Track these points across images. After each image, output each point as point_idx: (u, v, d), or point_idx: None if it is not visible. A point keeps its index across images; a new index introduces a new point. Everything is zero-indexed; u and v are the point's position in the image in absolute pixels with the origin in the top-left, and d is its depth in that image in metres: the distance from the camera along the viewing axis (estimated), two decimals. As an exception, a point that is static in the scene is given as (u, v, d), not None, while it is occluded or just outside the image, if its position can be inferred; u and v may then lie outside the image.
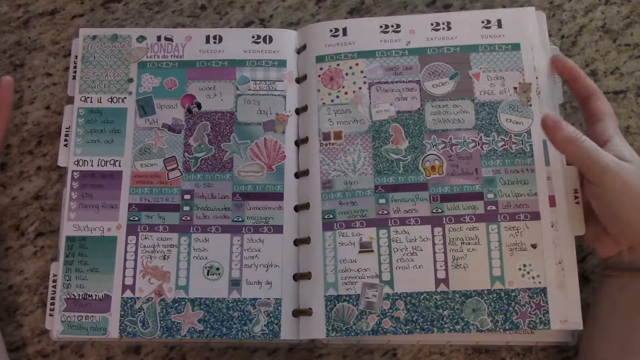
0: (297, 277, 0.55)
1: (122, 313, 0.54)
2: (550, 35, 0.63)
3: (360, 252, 0.54)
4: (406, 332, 0.52)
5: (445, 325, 0.53)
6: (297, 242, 0.56)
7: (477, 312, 0.53)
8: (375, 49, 0.59)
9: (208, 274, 0.55)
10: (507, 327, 0.52)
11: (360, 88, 0.58)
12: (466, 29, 0.59)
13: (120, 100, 0.59)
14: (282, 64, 0.59)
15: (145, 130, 0.58)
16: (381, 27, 0.59)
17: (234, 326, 0.54)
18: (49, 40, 0.62)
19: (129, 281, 0.55)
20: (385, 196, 0.55)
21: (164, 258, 0.55)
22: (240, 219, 0.56)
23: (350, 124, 0.57)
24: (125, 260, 0.55)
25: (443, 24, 0.59)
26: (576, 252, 0.58)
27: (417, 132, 0.57)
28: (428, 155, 0.56)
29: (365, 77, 0.58)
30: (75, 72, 0.60)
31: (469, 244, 0.54)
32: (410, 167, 0.56)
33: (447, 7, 0.64)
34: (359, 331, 0.53)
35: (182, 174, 0.57)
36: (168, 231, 0.56)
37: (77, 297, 0.54)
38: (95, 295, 0.54)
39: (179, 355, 0.55)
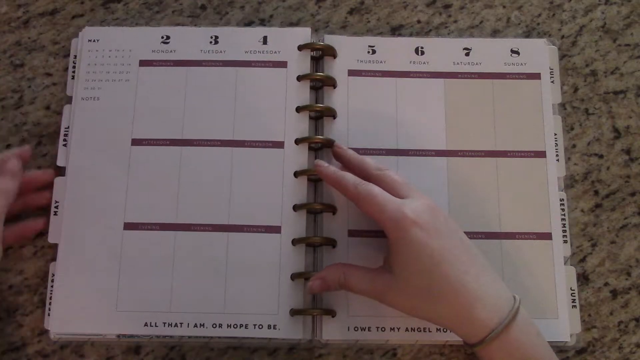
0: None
1: None
2: (550, 35, 0.63)
3: None
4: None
5: None
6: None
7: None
8: None
9: None
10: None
11: None
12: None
13: None
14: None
15: None
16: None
17: None
18: (49, 40, 0.62)
19: None
20: None
21: None
22: None
23: None
24: None
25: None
26: (576, 252, 0.58)
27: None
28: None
29: None
30: (74, 72, 0.60)
31: None
32: None
33: (446, 7, 0.64)
34: None
35: None
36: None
37: None
38: None
39: (179, 355, 0.55)
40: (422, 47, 0.61)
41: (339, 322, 0.54)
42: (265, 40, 0.60)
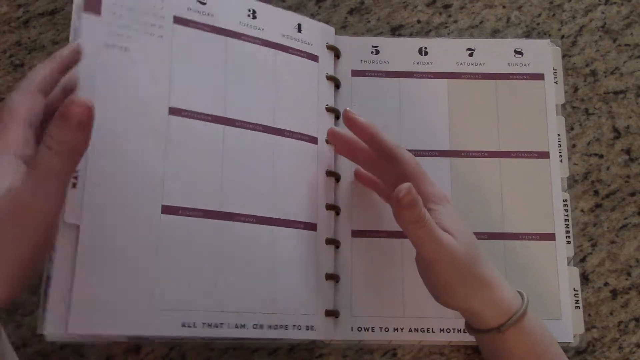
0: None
1: None
2: (550, 35, 0.63)
3: None
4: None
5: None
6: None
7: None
8: None
9: None
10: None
11: None
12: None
13: None
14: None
15: None
16: None
17: None
18: (49, 40, 0.62)
19: None
20: None
21: None
22: None
23: None
24: None
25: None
26: (576, 252, 0.58)
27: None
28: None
29: None
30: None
31: None
32: None
33: (446, 7, 0.64)
34: None
35: None
36: None
37: None
38: None
39: (179, 355, 0.55)
40: (425, 48, 0.61)
41: (342, 323, 0.54)
42: (299, 28, 0.58)
